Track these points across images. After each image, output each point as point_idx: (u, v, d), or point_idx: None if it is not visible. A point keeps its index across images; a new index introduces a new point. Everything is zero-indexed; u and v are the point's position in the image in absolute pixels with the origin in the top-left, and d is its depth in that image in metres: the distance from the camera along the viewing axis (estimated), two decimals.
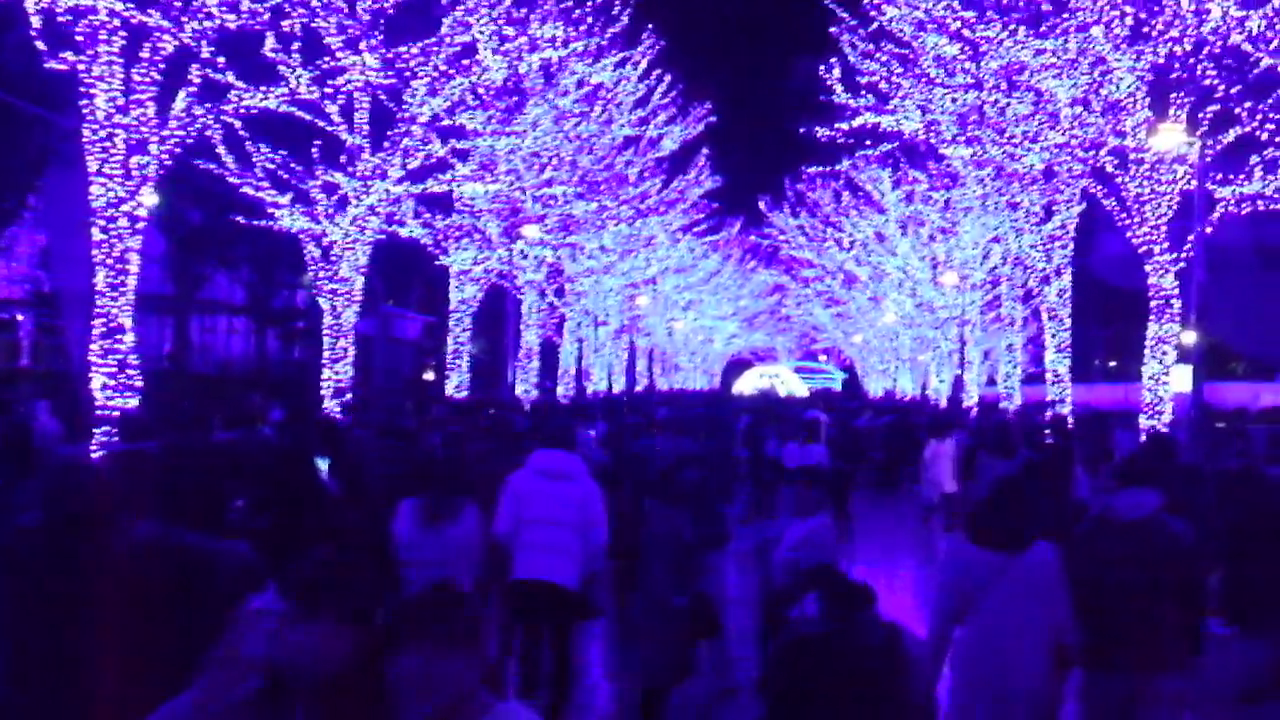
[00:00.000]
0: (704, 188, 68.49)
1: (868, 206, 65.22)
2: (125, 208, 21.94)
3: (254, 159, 30.01)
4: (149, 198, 22.78)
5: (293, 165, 30.40)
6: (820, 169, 46.68)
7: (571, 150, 45.95)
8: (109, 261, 22.03)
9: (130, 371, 22.18)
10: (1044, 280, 40.19)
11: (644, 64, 50.63)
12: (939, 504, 26.13)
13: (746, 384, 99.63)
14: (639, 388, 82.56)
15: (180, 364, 58.89)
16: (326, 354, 31.60)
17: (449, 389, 41.32)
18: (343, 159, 30.89)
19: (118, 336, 22.10)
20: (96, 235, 21.99)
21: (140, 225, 22.29)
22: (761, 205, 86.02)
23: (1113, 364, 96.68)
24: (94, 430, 21.27)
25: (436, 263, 40.31)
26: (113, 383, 22.05)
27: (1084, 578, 9.47)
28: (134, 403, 22.01)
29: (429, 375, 41.12)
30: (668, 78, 54.31)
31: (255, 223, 32.00)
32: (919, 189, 54.34)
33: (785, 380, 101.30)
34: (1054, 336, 40.31)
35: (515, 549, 12.99)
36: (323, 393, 31.38)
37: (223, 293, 68.15)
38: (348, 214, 30.70)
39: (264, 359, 64.84)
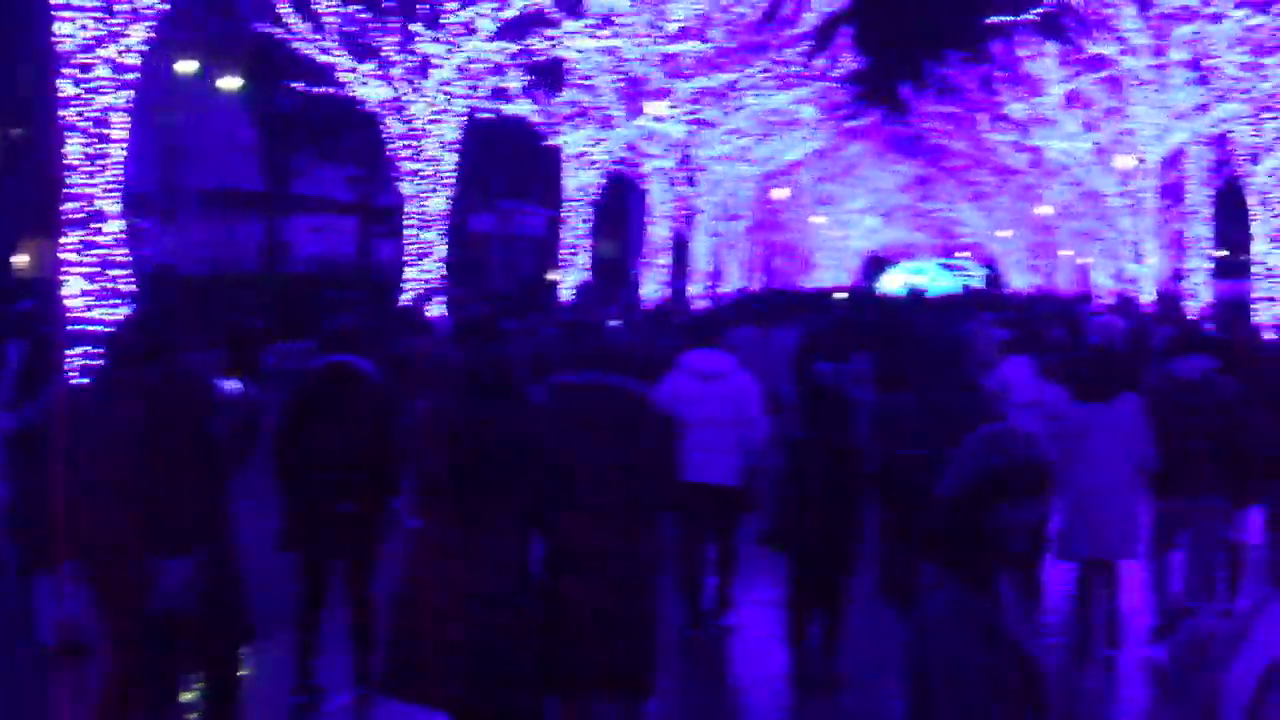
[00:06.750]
0: (844, 69, 62.98)
1: (1022, 87, 59.77)
2: (105, 52, 16.62)
3: (321, 16, 25.52)
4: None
5: (363, 19, 25.71)
6: (967, 55, 41.30)
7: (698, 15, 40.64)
8: (82, 125, 16.74)
9: (116, 273, 16.97)
10: (1251, 158, 34.42)
11: None
12: None
13: (892, 283, 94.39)
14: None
15: (271, 265, 54.67)
16: (410, 249, 26.85)
17: (564, 290, 36.60)
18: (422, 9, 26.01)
19: (96, 226, 16.87)
20: (67, 89, 16.65)
21: (130, 77, 16.94)
22: (904, 92, 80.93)
23: None
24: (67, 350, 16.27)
25: (544, 143, 35.38)
26: (93, 287, 16.86)
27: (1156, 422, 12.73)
28: (122, 312, 16.85)
29: (554, 275, 37.97)
30: None
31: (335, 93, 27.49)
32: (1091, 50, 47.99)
33: (934, 277, 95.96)
34: (1264, 224, 34.50)
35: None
36: (405, 294, 26.76)
37: (326, 188, 64.30)
38: (431, 79, 25.77)
39: (367, 260, 60.90)
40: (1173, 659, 6.55)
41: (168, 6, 17.25)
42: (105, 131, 16.83)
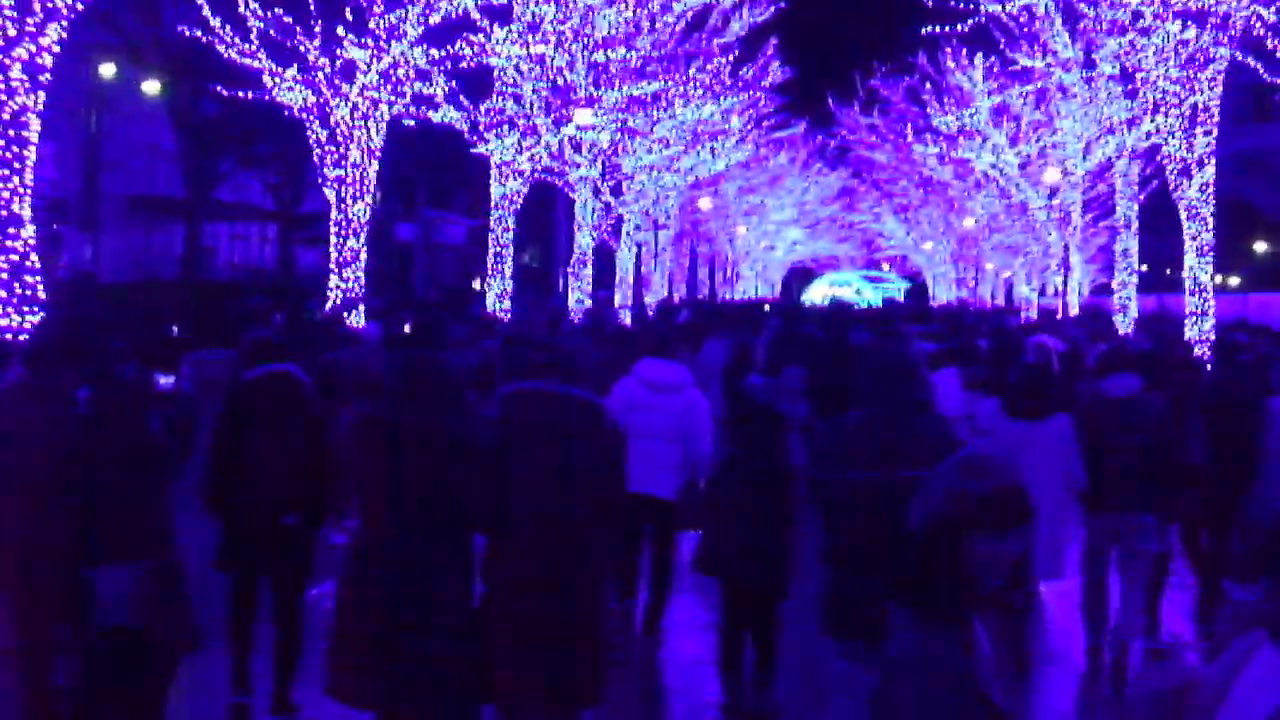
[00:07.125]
0: (771, 79, 62.75)
1: (950, 99, 59.49)
2: (20, 52, 16.12)
3: (247, 20, 25.07)
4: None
5: (288, 23, 25.23)
6: (893, 67, 41.16)
7: (628, 26, 40.24)
8: None
9: (29, 279, 16.47)
10: (1183, 173, 34.21)
11: None
12: None
13: (817, 294, 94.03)
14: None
15: (192, 272, 53.77)
16: (334, 255, 26.39)
17: (491, 299, 36.14)
18: (349, 15, 25.51)
19: (10, 230, 16.37)
20: None
21: (45, 78, 16.44)
22: (830, 103, 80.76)
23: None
24: None
25: (473, 150, 34.86)
26: (2, 294, 16.34)
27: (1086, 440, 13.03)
28: (33, 319, 16.38)
29: (475, 284, 37.53)
30: None
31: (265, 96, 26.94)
32: (1020, 63, 47.91)
33: (860, 290, 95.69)
34: (1194, 239, 34.26)
35: None
36: (330, 300, 26.34)
37: (247, 195, 63.51)
38: (355, 84, 25.33)
39: (289, 267, 60.10)
40: (1145, 703, 6.09)
41: (83, 6, 16.77)
42: (19, 134, 16.36)
